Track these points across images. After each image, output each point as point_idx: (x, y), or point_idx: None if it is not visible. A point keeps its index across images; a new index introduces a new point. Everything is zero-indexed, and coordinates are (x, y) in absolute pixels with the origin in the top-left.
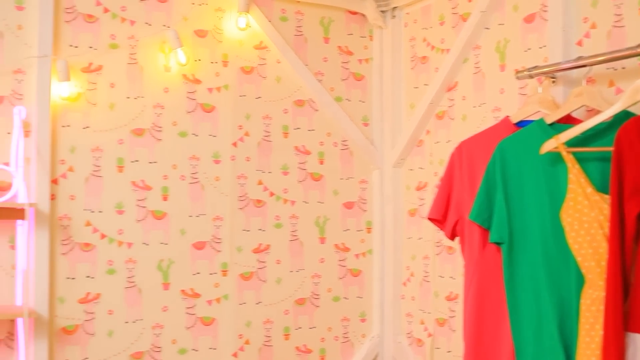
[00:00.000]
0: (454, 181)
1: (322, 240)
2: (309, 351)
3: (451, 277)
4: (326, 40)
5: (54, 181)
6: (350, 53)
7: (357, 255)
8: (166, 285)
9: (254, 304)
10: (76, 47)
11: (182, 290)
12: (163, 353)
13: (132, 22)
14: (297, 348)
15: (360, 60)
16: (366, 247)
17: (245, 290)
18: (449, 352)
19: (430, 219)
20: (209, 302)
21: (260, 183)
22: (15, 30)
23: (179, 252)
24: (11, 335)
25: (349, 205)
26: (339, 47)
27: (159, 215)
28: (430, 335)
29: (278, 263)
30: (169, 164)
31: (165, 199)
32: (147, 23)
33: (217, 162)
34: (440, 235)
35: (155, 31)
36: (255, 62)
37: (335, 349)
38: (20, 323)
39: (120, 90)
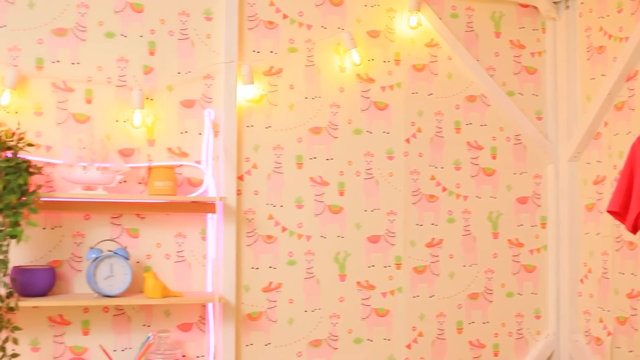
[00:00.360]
0: (635, 173)
1: (495, 235)
2: (482, 346)
3: (632, 274)
4: (497, 34)
5: (240, 177)
6: (522, 47)
7: (531, 251)
8: (342, 277)
9: (427, 297)
10: (258, 52)
11: (358, 282)
12: (339, 342)
13: (309, 27)
14: (470, 342)
15: (532, 54)
16: (541, 242)
17: (419, 283)
18: (631, 351)
19: (609, 211)
20: (384, 294)
21: (432, 178)
22: (204, 39)
23: (354, 245)
24: (202, 319)
25: (522, 200)
26: (511, 41)
27: (335, 210)
28: (610, 334)
29: (451, 257)
30: (345, 161)
31: (341, 194)
32: (322, 26)
33: (390, 158)
34: (620, 230)
35: (330, 34)
36: (427, 59)
37: (509, 345)
38: (210, 308)
39: (299, 91)
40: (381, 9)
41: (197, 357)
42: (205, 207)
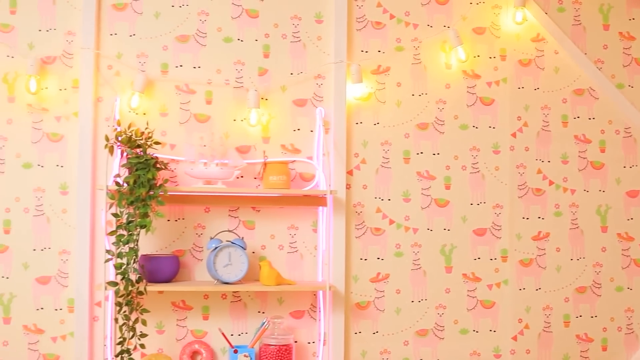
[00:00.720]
0: None
1: (604, 229)
2: (589, 340)
3: None
4: (605, 27)
5: (349, 172)
6: (632, 38)
7: None
8: (449, 269)
9: (533, 289)
10: (366, 52)
11: (464, 274)
12: (445, 332)
13: (415, 26)
14: (577, 336)
15: None
16: None
17: (525, 276)
18: None
19: None
20: (489, 286)
21: (539, 172)
22: (315, 41)
23: (460, 237)
24: (313, 307)
25: (633, 194)
26: (620, 33)
27: (442, 203)
28: None
29: (558, 251)
30: (451, 155)
31: (447, 187)
32: (428, 25)
33: (496, 152)
34: None
35: (436, 32)
36: (533, 54)
37: (618, 340)
38: (320, 297)
39: (406, 88)
40: (486, 6)
41: (308, 342)
42: (316, 200)
